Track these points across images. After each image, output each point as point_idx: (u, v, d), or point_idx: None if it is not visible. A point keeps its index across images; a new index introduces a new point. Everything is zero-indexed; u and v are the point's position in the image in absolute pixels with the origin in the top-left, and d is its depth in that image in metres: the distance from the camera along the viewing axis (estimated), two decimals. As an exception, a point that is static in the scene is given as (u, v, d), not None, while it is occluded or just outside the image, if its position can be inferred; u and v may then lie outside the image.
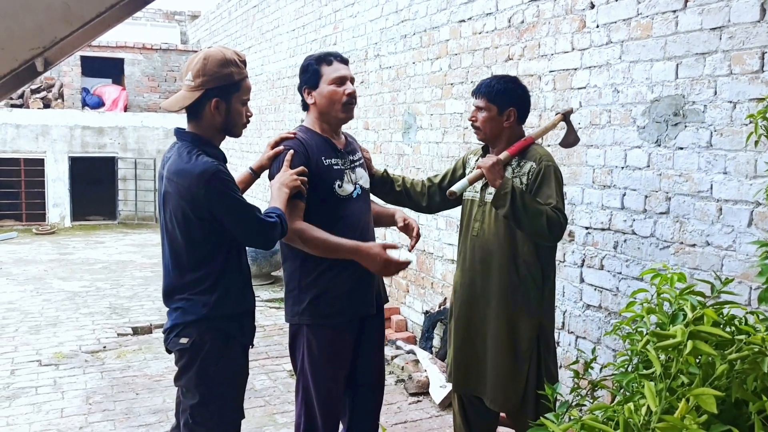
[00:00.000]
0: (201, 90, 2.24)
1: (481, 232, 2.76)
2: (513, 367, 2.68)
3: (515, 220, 2.55)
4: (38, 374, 4.65)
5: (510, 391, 2.68)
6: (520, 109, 2.75)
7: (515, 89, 2.75)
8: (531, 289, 2.67)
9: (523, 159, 2.70)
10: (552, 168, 2.65)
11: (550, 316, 2.78)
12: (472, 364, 2.81)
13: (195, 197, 2.20)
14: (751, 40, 2.56)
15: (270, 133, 8.73)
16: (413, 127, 5.15)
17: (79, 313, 6.23)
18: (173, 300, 2.36)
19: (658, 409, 1.24)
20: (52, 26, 1.57)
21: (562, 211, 2.57)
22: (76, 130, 11.68)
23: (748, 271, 2.60)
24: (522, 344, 2.67)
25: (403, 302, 5.43)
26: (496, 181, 2.56)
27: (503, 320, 2.69)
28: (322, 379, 2.60)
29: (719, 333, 1.34)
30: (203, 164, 2.19)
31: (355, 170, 2.70)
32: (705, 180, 2.77)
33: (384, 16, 5.51)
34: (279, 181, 2.46)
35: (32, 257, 9.04)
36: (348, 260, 2.56)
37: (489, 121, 2.73)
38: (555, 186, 2.62)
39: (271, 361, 4.91)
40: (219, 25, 11.54)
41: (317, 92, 2.60)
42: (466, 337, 2.82)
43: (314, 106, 2.63)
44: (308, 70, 2.62)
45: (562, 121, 2.92)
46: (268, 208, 2.38)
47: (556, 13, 3.57)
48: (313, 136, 2.63)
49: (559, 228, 2.55)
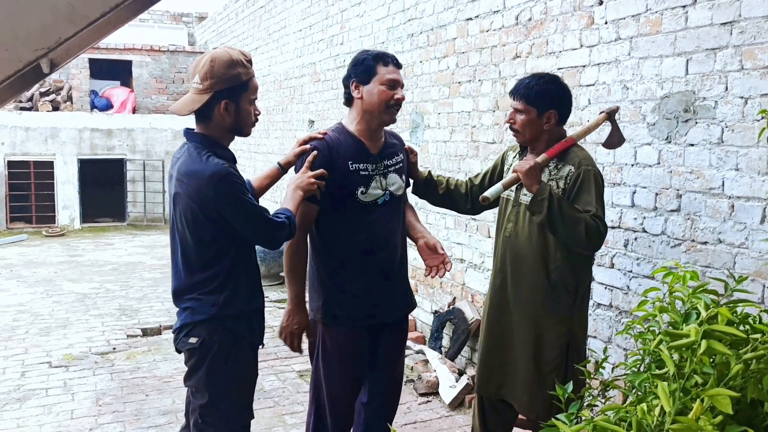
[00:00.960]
0: (210, 93, 2.24)
1: (513, 233, 2.67)
2: (541, 374, 2.59)
3: (551, 227, 2.45)
4: (48, 376, 4.67)
5: (537, 398, 2.60)
6: (560, 110, 2.62)
7: (555, 90, 2.61)
8: (562, 295, 2.57)
9: (562, 162, 2.57)
10: (592, 173, 2.52)
11: (582, 325, 2.66)
12: (497, 368, 2.75)
13: (204, 198, 2.20)
14: (763, 35, 2.53)
15: (278, 133, 8.73)
16: (421, 126, 5.13)
17: (88, 315, 6.25)
18: (182, 300, 2.37)
19: (672, 409, 1.22)
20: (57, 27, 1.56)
21: (602, 219, 2.45)
22: (85, 132, 11.74)
23: (761, 269, 2.56)
24: (551, 352, 2.58)
25: (411, 302, 5.40)
26: (533, 186, 2.44)
27: (532, 326, 2.60)
28: (335, 378, 2.60)
29: (734, 332, 1.31)
30: (213, 166, 2.20)
31: (388, 176, 2.62)
32: (716, 177, 2.74)
33: (391, 15, 5.50)
34: (295, 183, 2.46)
35: (42, 259, 9.08)
36: (363, 263, 2.58)
37: (528, 124, 2.60)
38: (595, 192, 2.49)
39: (280, 362, 4.90)
40: (226, 26, 11.56)
41: (366, 89, 2.52)
42: (494, 340, 2.75)
43: (359, 101, 2.55)
44: (363, 64, 2.52)
45: (606, 121, 2.78)
46: (279, 209, 2.38)
47: (564, 10, 3.55)
48: (346, 137, 2.57)
49: (598, 237, 2.43)
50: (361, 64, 2.53)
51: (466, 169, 4.52)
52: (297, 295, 2.57)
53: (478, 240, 4.42)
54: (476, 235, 4.45)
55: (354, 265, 2.57)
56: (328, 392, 2.60)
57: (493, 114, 4.22)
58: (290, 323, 2.58)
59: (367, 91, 2.52)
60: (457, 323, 4.49)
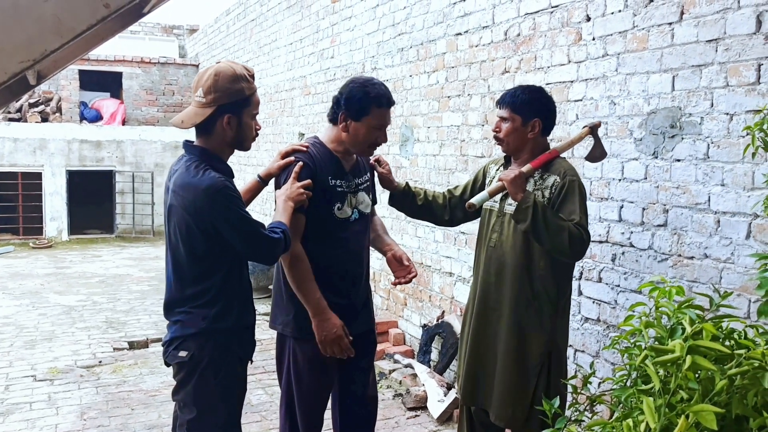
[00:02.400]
0: (213, 107, 2.24)
1: (498, 243, 2.70)
2: (520, 383, 2.62)
3: (536, 235, 2.48)
4: (33, 390, 4.61)
5: (516, 408, 2.63)
6: (545, 120, 2.67)
7: (540, 99, 2.68)
8: (545, 305, 2.61)
9: (547, 172, 2.63)
10: (576, 183, 2.58)
11: (563, 334, 2.70)
12: (480, 377, 2.76)
13: (199, 211, 2.20)
14: (747, 52, 2.56)
15: (268, 146, 8.73)
16: (410, 139, 5.14)
17: (75, 328, 6.19)
18: (173, 313, 2.35)
19: (657, 425, 1.22)
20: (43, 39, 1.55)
21: (585, 228, 2.50)
22: (73, 143, 11.68)
23: (746, 284, 2.58)
24: (531, 360, 2.61)
25: (401, 316, 5.39)
26: (518, 195, 2.49)
27: (514, 335, 2.63)
28: (306, 392, 2.60)
29: (718, 347, 1.32)
30: (210, 179, 2.19)
31: (357, 194, 2.66)
32: (703, 192, 2.76)
33: (381, 30, 5.52)
34: (285, 194, 2.46)
35: (29, 271, 8.99)
36: (334, 278, 2.58)
37: (513, 132, 2.66)
38: (579, 201, 2.54)
39: (267, 376, 4.87)
40: (217, 39, 11.58)
41: (355, 125, 2.53)
42: (476, 349, 2.77)
43: (342, 131, 2.56)
44: (360, 102, 2.50)
45: (588, 135, 2.83)
46: (273, 223, 2.38)
47: (552, 26, 3.58)
48: (325, 153, 2.59)
49: (581, 245, 2.48)
50: (357, 102, 2.51)
51: (455, 182, 4.52)
52: (317, 301, 2.49)
53: (467, 254, 4.42)
54: (465, 248, 4.45)
55: (328, 280, 2.57)
56: (301, 406, 2.60)
57: (482, 128, 4.24)
58: (328, 331, 2.51)
59: (354, 127, 2.53)
60: (446, 337, 4.48)
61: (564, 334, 2.71)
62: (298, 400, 2.60)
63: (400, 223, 5.23)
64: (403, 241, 5.27)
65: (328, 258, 2.58)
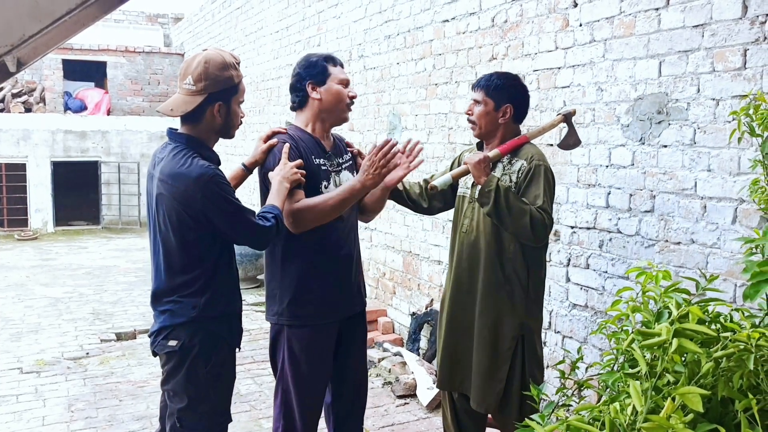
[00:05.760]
0: (204, 94, 2.24)
1: (470, 229, 2.73)
2: (493, 366, 2.65)
3: (498, 218, 2.53)
4: (19, 382, 4.57)
5: (490, 391, 2.65)
6: (517, 106, 2.72)
7: (515, 86, 2.74)
8: (516, 288, 2.64)
9: (515, 157, 2.67)
10: (543, 168, 2.61)
11: (536, 317, 2.73)
12: (457, 362, 2.79)
13: (191, 201, 2.19)
14: (733, 37, 2.56)
15: (254, 135, 8.67)
16: (398, 127, 5.13)
17: (61, 320, 6.14)
18: (161, 302, 2.34)
19: (643, 408, 1.22)
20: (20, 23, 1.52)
21: (548, 212, 2.53)
22: (58, 134, 11.55)
23: (732, 268, 2.59)
24: (504, 343, 2.64)
25: (389, 304, 5.40)
26: (481, 178, 2.54)
27: (487, 318, 2.66)
28: (303, 380, 2.58)
29: (705, 330, 1.32)
30: (199, 168, 2.19)
31: (341, 174, 2.67)
32: (689, 178, 2.77)
33: (368, 17, 5.49)
34: (280, 175, 2.44)
35: (14, 263, 8.91)
36: (328, 261, 2.56)
37: (485, 116, 2.71)
38: (544, 186, 2.58)
39: (256, 366, 4.86)
40: (202, 28, 11.47)
41: (324, 89, 2.58)
42: (452, 334, 2.80)
43: (316, 102, 2.60)
44: (317, 66, 2.60)
45: (562, 123, 2.87)
46: (266, 206, 2.37)
47: (540, 12, 3.57)
48: (304, 134, 2.61)
49: (543, 229, 2.51)
50: (315, 66, 2.60)
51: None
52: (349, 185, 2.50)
53: (455, 241, 4.42)
54: (453, 236, 4.45)
55: (324, 264, 2.57)
56: (298, 395, 2.58)
57: (469, 116, 4.23)
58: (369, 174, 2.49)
59: (326, 91, 2.59)
60: (435, 325, 4.49)
61: (537, 317, 2.73)
62: (297, 388, 2.57)
63: (389, 213, 5.22)
64: (392, 230, 5.27)
65: (320, 237, 2.56)
